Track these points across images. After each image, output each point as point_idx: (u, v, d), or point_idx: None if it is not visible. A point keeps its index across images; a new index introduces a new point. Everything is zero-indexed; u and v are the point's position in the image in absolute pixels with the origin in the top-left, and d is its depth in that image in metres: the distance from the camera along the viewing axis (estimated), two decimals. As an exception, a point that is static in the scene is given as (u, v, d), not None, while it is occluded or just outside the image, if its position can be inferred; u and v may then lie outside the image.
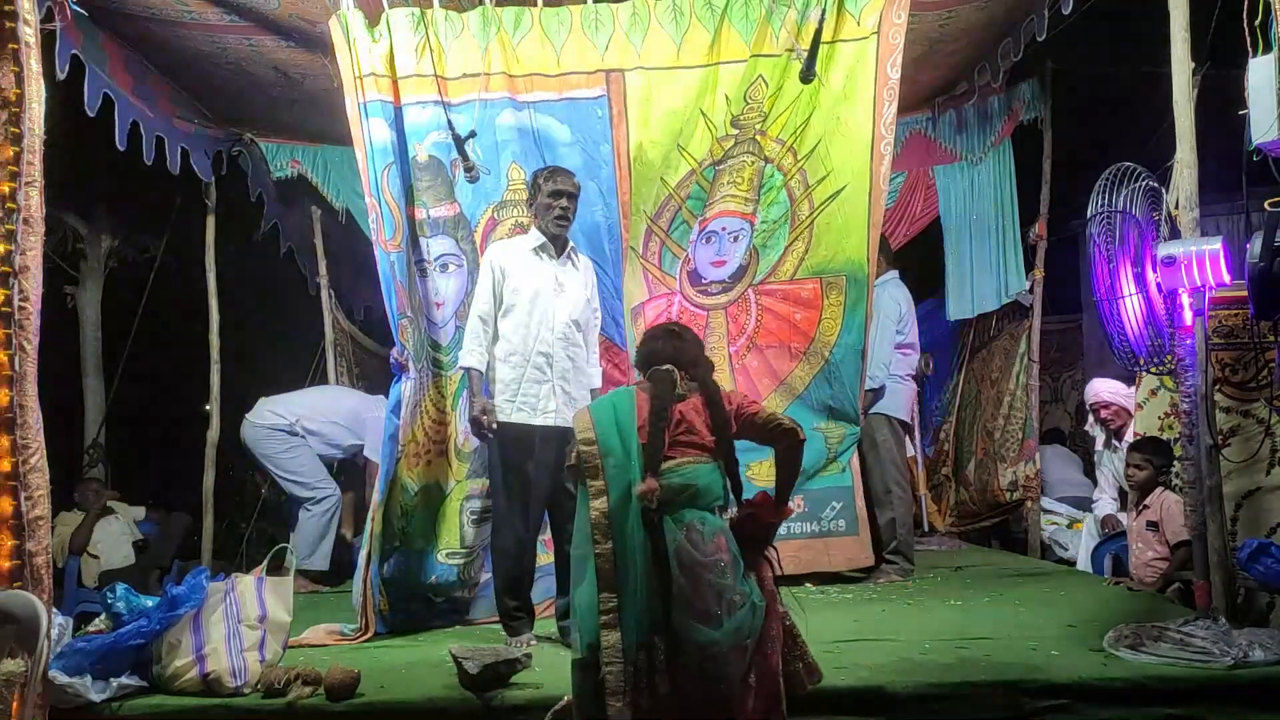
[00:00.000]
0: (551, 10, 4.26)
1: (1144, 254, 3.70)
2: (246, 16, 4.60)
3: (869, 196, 4.49)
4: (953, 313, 6.42)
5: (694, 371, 2.83)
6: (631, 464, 2.64)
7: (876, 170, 4.45)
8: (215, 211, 6.23)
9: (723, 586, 2.57)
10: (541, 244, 3.89)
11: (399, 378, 4.20)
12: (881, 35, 4.29)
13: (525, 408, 3.79)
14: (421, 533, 4.25)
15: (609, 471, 2.66)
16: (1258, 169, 3.47)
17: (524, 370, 3.80)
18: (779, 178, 4.56)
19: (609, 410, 2.77)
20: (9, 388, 2.89)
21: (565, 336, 3.86)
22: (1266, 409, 3.75)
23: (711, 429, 2.74)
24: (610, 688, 2.51)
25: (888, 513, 5.06)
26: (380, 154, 4.13)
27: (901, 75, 4.44)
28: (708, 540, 2.62)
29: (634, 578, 2.58)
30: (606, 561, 2.61)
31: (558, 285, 3.87)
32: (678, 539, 2.59)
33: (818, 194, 4.56)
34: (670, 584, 2.54)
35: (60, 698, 2.94)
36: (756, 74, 4.35)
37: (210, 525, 6.16)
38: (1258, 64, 3.29)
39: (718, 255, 4.64)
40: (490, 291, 3.85)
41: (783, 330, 4.76)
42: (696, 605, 2.54)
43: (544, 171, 3.93)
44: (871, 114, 4.39)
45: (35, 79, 3.03)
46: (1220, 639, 3.10)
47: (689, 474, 2.68)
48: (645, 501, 2.58)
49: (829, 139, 4.46)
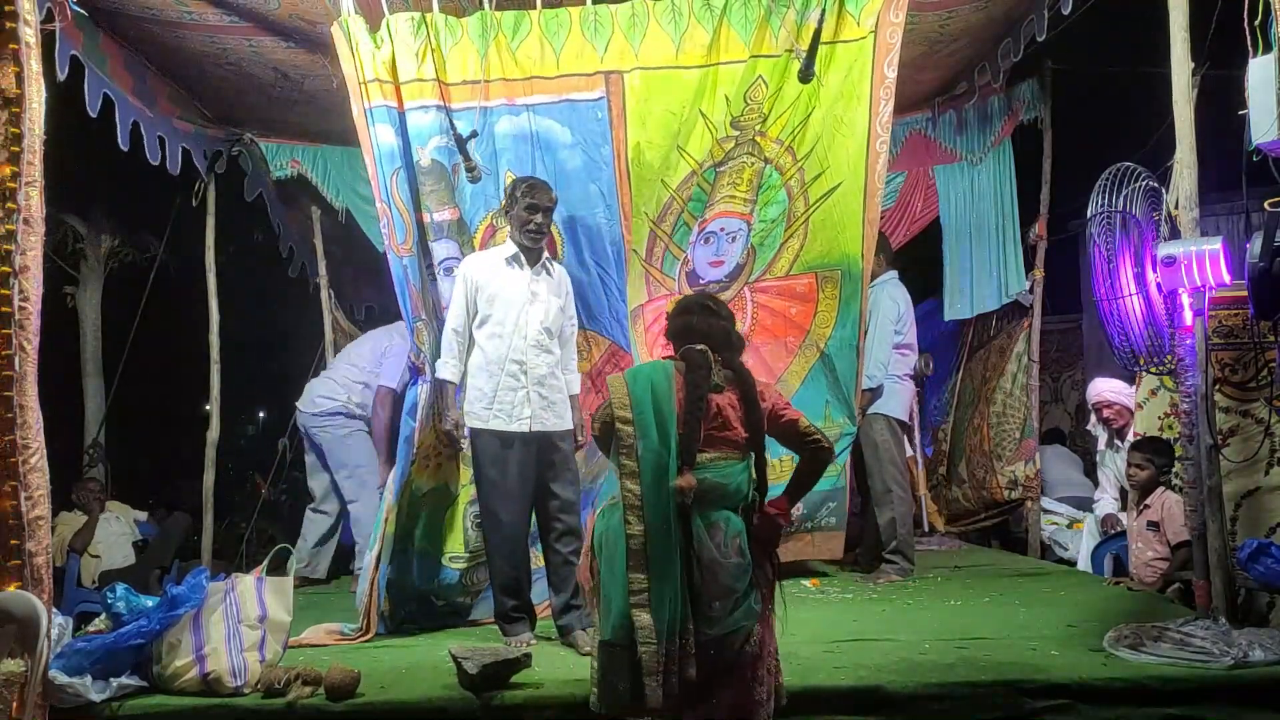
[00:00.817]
0: (550, 12, 4.25)
1: (1144, 254, 3.70)
2: (246, 17, 4.60)
3: (864, 193, 4.53)
4: (952, 313, 6.42)
5: (727, 356, 2.80)
6: (669, 452, 2.62)
7: (872, 167, 4.47)
8: (215, 212, 6.22)
9: (732, 589, 2.60)
10: (514, 254, 3.94)
11: (415, 381, 4.21)
12: (879, 35, 4.30)
13: (501, 415, 3.84)
14: (427, 535, 4.25)
15: (644, 456, 2.65)
16: (1258, 169, 3.47)
17: (499, 379, 3.85)
18: (777, 177, 4.57)
19: (646, 388, 2.71)
20: (9, 388, 2.89)
21: (539, 344, 3.90)
22: (1266, 409, 3.76)
23: (746, 426, 2.72)
24: (646, 668, 2.53)
25: (887, 512, 5.06)
26: (388, 159, 4.13)
27: (902, 75, 4.45)
28: (728, 542, 2.64)
29: (665, 561, 2.59)
30: (637, 543, 2.61)
31: (530, 295, 3.91)
32: (702, 537, 2.61)
33: (813, 191, 4.58)
34: (692, 574, 2.58)
35: (60, 698, 2.94)
36: (756, 75, 4.34)
37: (210, 525, 6.16)
38: (1258, 64, 3.29)
39: (715, 255, 4.64)
40: (463, 303, 3.93)
41: (778, 325, 4.79)
42: (704, 601, 2.58)
43: (523, 184, 3.96)
44: (868, 112, 4.40)
45: (35, 79, 3.04)
46: (1220, 639, 3.11)
47: (723, 473, 2.68)
48: (681, 497, 2.59)
49: (827, 138, 4.47)
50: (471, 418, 3.88)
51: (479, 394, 3.87)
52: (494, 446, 3.84)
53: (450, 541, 4.30)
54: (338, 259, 7.43)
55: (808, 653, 3.40)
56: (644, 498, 2.62)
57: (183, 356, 7.66)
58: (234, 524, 8.31)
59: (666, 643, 2.54)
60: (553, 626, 3.94)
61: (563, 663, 3.46)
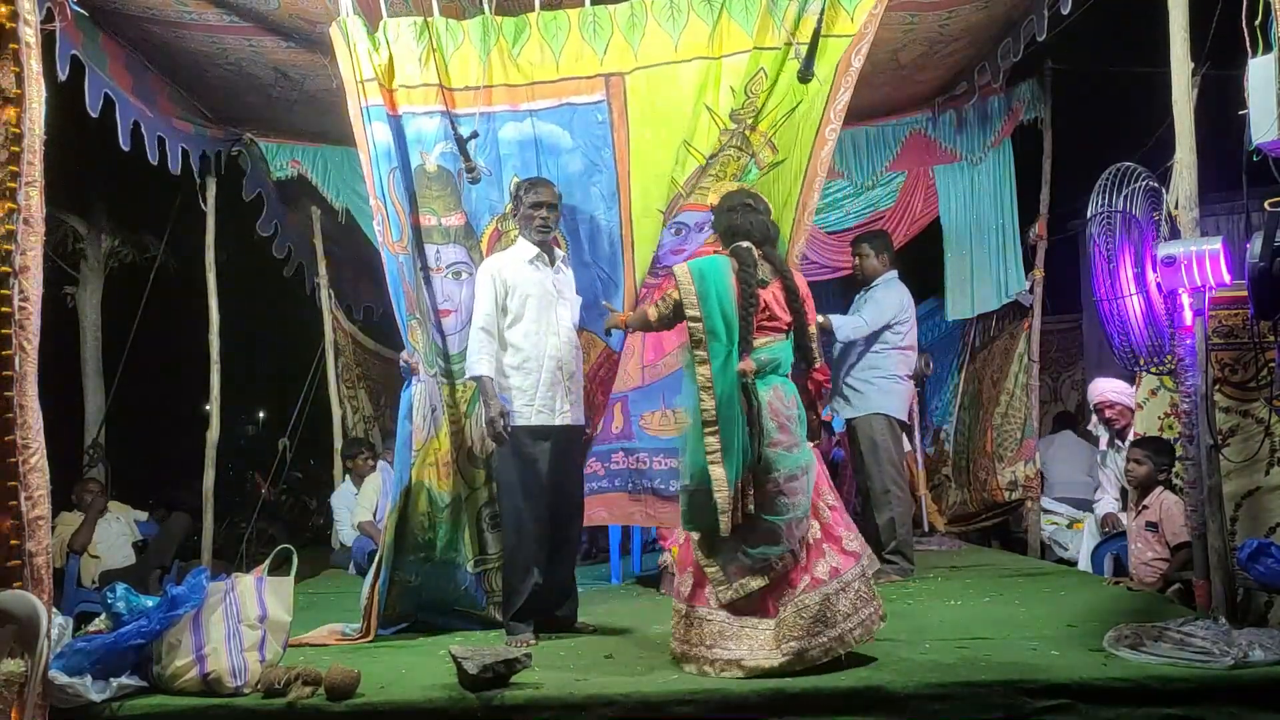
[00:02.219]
0: (549, 15, 4.24)
1: (1144, 254, 3.70)
2: (246, 17, 4.60)
3: (803, 179, 4.36)
4: (952, 313, 6.42)
5: (767, 251, 3.49)
6: (732, 342, 3.29)
7: (817, 153, 4.32)
8: (215, 211, 6.23)
9: (797, 434, 3.36)
10: (536, 254, 3.99)
11: (409, 382, 4.21)
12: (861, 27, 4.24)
13: (545, 410, 3.92)
14: (452, 544, 4.24)
15: (712, 347, 3.30)
16: (1258, 169, 3.47)
17: (539, 375, 3.92)
18: (756, 172, 4.48)
19: (711, 287, 3.34)
20: (9, 388, 2.89)
21: (570, 340, 4.01)
22: (1266, 409, 3.75)
23: (789, 312, 3.45)
24: (720, 508, 3.21)
25: (887, 513, 5.06)
26: (384, 157, 4.13)
27: (902, 75, 4.43)
28: (787, 398, 3.37)
29: (733, 424, 3.23)
30: (710, 414, 3.26)
31: (557, 292, 4.01)
32: (768, 397, 3.30)
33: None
34: (762, 431, 3.26)
35: (60, 698, 2.93)
36: (759, 66, 4.29)
37: (210, 525, 6.16)
38: (1258, 64, 3.29)
39: (680, 244, 4.56)
40: (493, 303, 3.95)
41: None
42: (782, 440, 3.30)
43: (525, 183, 4.03)
44: (826, 96, 4.26)
45: (35, 79, 3.03)
46: (1220, 639, 3.10)
47: (775, 350, 3.40)
48: (743, 377, 3.26)
49: (801, 127, 4.34)
50: (513, 415, 3.90)
51: (519, 392, 3.91)
52: (529, 443, 3.89)
53: (473, 547, 4.28)
54: (338, 259, 7.44)
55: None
56: (714, 378, 3.28)
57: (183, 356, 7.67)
58: (234, 524, 8.33)
59: (733, 487, 3.21)
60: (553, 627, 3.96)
61: (563, 663, 3.46)
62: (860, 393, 5.19)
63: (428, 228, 4.25)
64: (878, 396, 5.17)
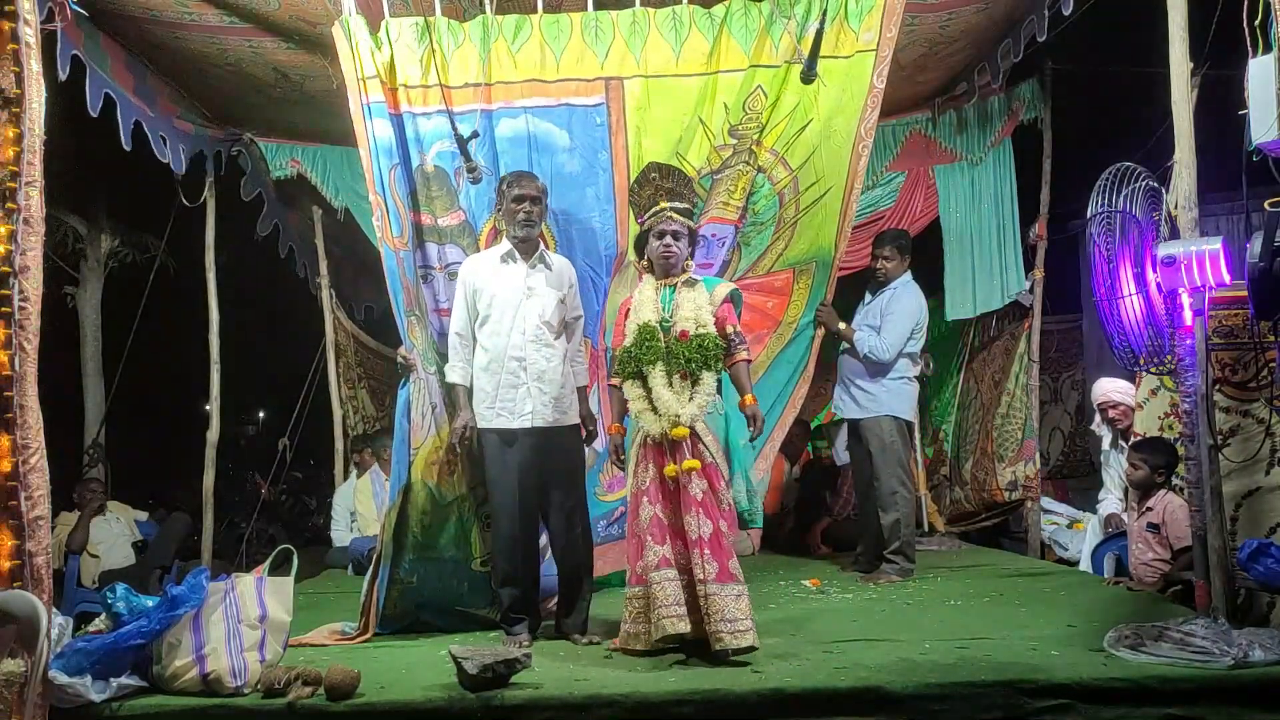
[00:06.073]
0: (551, 17, 4.25)
1: (1144, 254, 3.70)
2: (246, 18, 4.60)
3: (845, 191, 4.67)
4: (952, 313, 6.41)
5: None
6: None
7: (854, 170, 4.61)
8: (215, 211, 6.23)
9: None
10: (508, 251, 3.95)
11: (407, 379, 4.20)
12: (878, 51, 4.37)
13: (505, 413, 3.87)
14: (456, 542, 4.24)
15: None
16: (1258, 169, 3.46)
17: (500, 376, 3.87)
18: (769, 187, 4.66)
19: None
20: (9, 388, 2.89)
21: (537, 339, 3.89)
22: (1266, 409, 3.75)
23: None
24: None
25: (892, 513, 5.05)
26: (386, 153, 4.14)
27: (902, 76, 4.48)
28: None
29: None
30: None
31: (526, 290, 3.91)
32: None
33: (805, 198, 4.69)
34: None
35: (60, 698, 2.94)
36: (755, 84, 4.38)
37: (210, 525, 6.16)
38: (1258, 64, 3.28)
39: (705, 258, 4.65)
40: (464, 306, 3.96)
41: (754, 320, 4.86)
42: None
43: (508, 177, 4.00)
44: (856, 120, 4.50)
45: (36, 79, 3.04)
46: (1220, 639, 3.10)
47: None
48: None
49: (822, 148, 4.54)
50: (477, 418, 3.91)
51: (482, 394, 3.90)
52: (498, 444, 3.87)
53: (475, 546, 4.29)
54: (338, 259, 7.43)
55: (808, 653, 3.40)
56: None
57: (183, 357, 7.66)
58: (234, 524, 8.32)
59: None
60: (553, 627, 3.96)
61: (563, 663, 3.46)
62: (870, 394, 5.16)
63: (427, 227, 4.26)
64: (887, 398, 5.15)
